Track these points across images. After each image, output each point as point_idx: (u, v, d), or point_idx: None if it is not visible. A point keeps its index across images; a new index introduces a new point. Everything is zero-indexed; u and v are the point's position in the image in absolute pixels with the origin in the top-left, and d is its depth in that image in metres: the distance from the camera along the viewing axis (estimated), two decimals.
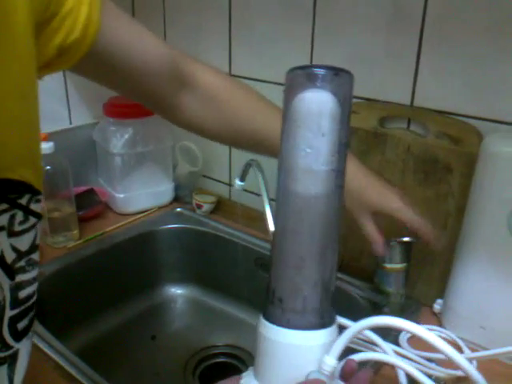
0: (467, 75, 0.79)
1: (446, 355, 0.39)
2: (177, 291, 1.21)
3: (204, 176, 1.27)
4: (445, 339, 0.81)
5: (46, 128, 1.14)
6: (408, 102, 0.85)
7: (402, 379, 0.60)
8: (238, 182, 0.85)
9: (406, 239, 0.78)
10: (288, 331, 0.43)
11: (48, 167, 1.03)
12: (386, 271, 0.81)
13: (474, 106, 0.79)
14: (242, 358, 1.07)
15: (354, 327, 0.43)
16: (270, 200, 0.87)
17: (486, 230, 0.74)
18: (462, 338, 0.80)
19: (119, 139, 1.14)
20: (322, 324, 0.44)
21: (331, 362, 0.41)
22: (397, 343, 0.79)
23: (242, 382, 0.46)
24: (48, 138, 1.02)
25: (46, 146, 1.01)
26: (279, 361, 0.44)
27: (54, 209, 1.09)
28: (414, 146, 0.84)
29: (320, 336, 0.43)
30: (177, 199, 1.29)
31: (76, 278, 1.04)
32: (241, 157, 1.18)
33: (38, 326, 0.83)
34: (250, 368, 0.48)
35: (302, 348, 0.43)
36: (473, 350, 0.77)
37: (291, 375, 0.43)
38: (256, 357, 0.46)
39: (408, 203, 0.73)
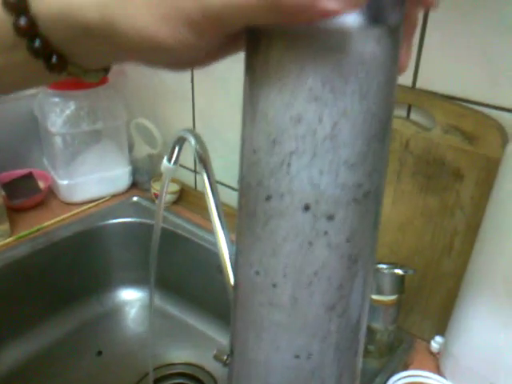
0: (489, 48, 0.58)
1: None
2: (129, 296, 1.03)
3: None
4: None
5: None
6: (409, 83, 0.65)
7: None
8: (165, 163, 0.60)
9: (397, 271, 0.60)
10: None
11: None
12: (372, 304, 0.63)
13: (496, 92, 0.59)
14: (203, 381, 0.90)
15: None
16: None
17: (507, 257, 0.56)
18: None
19: (59, 115, 0.94)
20: None
21: None
22: None
23: None
24: None
25: None
26: None
27: None
28: (414, 142, 0.64)
29: None
30: (135, 186, 1.10)
31: (3, 286, 0.86)
32: (209, 137, 0.99)
33: None
34: None
35: None
36: None
37: None
38: None
39: None
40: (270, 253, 0.26)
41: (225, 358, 0.56)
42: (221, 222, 0.56)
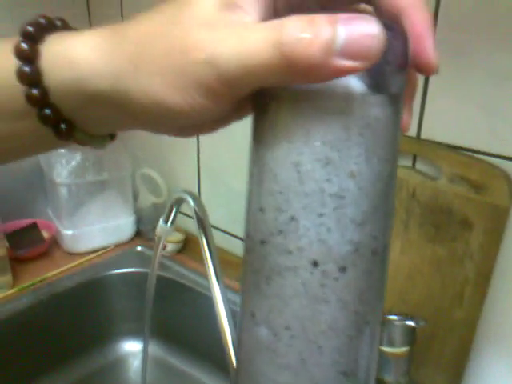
0: (492, 98, 0.59)
1: None
2: (132, 348, 1.01)
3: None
4: None
5: None
6: (414, 134, 0.66)
7: None
8: (161, 224, 0.61)
9: (409, 323, 0.59)
10: None
11: None
12: (383, 356, 0.62)
13: (501, 142, 0.60)
14: None
15: None
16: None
17: None
18: None
19: (64, 166, 0.94)
20: None
21: None
22: None
23: None
24: None
25: None
26: None
27: None
28: (420, 190, 0.65)
29: None
30: (140, 235, 1.10)
31: (4, 338, 0.85)
32: (213, 185, 1.00)
33: None
34: None
35: None
36: None
37: None
38: None
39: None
40: (276, 310, 0.25)
41: None
42: (220, 286, 0.56)
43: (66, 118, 0.26)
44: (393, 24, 0.23)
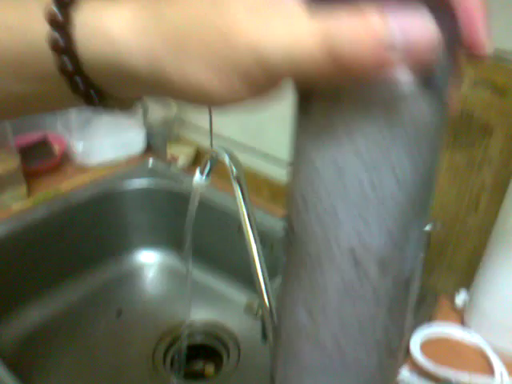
0: None
1: None
2: (147, 258, 1.04)
3: (181, 121, 1.07)
4: (469, 344, 0.65)
5: None
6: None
7: None
8: (197, 177, 0.60)
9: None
10: None
11: None
12: None
13: None
14: (223, 339, 0.91)
15: None
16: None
17: None
18: (491, 344, 0.63)
19: None
20: None
21: None
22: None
23: None
24: None
25: None
26: None
27: None
28: None
29: None
30: (150, 149, 1.09)
31: (22, 248, 0.87)
32: None
33: None
34: None
35: None
36: (505, 362, 0.61)
37: None
38: None
39: None
40: (314, 296, 0.26)
41: (255, 308, 0.57)
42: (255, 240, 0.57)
43: (97, 87, 0.25)
44: (442, 10, 0.21)
